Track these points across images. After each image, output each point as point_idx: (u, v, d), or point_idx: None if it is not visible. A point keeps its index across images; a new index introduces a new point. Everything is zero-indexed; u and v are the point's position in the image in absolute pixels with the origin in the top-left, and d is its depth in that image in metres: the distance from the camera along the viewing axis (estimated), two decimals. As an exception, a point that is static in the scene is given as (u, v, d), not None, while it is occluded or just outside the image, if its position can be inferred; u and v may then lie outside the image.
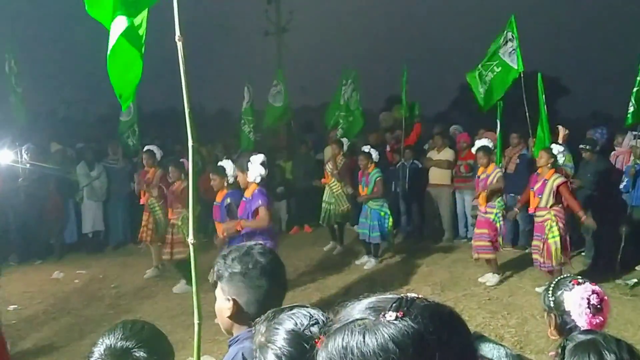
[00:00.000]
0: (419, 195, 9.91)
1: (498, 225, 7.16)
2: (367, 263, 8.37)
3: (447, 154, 9.59)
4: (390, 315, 0.89)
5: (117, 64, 3.01)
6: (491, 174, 7.26)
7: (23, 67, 9.74)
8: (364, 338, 0.88)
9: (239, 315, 1.90)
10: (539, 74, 7.70)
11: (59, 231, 9.95)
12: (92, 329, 6.23)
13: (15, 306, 7.12)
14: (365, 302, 0.95)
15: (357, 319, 0.91)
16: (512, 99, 8.32)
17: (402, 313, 0.89)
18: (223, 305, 1.92)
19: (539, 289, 6.73)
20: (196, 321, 2.62)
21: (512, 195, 8.25)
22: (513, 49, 8.08)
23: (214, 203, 6.76)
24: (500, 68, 8.25)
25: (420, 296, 0.95)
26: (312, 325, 1.40)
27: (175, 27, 2.77)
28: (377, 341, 0.87)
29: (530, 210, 6.90)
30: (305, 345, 1.34)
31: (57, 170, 9.87)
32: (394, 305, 0.91)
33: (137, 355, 1.60)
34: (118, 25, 2.85)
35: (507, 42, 8.18)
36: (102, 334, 1.69)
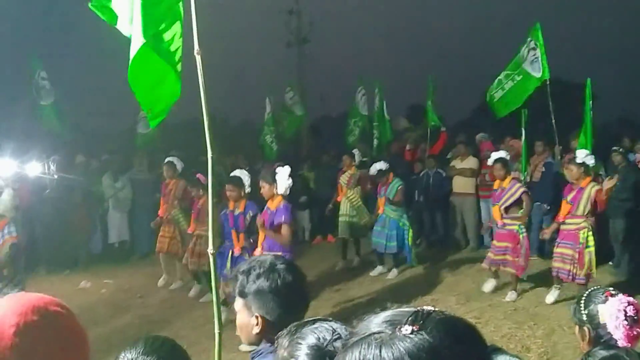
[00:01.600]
0: (442, 204, 9.84)
1: (521, 237, 6.88)
2: (390, 273, 8.31)
3: (470, 162, 9.51)
4: (406, 329, 0.89)
5: (143, 78, 3.04)
6: (510, 188, 7.02)
7: (51, 79, 9.91)
8: (380, 351, 0.88)
9: (268, 332, 1.88)
10: (588, 80, 7.44)
11: (85, 241, 10.11)
12: (118, 339, 6.29)
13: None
14: (382, 316, 0.95)
15: (374, 333, 0.91)
16: (536, 107, 8.24)
17: (417, 327, 0.89)
18: (250, 322, 1.91)
19: (550, 298, 6.62)
20: (216, 330, 2.65)
21: (538, 203, 8.14)
22: (536, 57, 8.00)
23: (227, 211, 6.71)
24: (520, 77, 8.18)
25: (436, 309, 0.95)
26: (335, 340, 1.39)
27: (194, 41, 2.81)
28: (393, 355, 0.87)
29: (560, 218, 6.76)
30: None
31: (83, 182, 10.04)
32: (409, 318, 0.91)
33: None
34: (136, 40, 2.90)
35: (529, 51, 8.11)
36: (125, 348, 1.71)
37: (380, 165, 8.44)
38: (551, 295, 6.66)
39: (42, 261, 9.49)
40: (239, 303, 1.96)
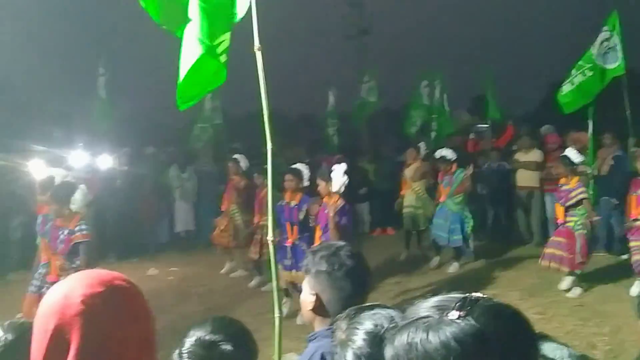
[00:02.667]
0: (506, 197, 9.66)
1: (577, 234, 6.68)
2: (451, 267, 8.25)
3: (535, 155, 9.29)
4: (454, 314, 0.93)
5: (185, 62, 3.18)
6: (575, 189, 6.82)
7: (117, 71, 10.29)
8: (427, 335, 0.92)
9: (320, 311, 2.00)
10: None
11: (153, 230, 10.53)
12: (184, 325, 6.51)
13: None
14: (431, 301, 1.00)
15: (422, 317, 0.96)
16: (607, 97, 7.95)
17: (464, 312, 0.93)
18: (307, 299, 2.04)
19: (634, 290, 6.39)
20: (276, 314, 2.76)
21: (606, 198, 7.88)
22: (610, 48, 7.69)
23: (283, 203, 6.80)
24: (592, 72, 7.81)
25: (485, 296, 0.99)
26: (392, 327, 1.43)
27: (255, 38, 2.91)
28: (439, 339, 0.91)
29: (633, 215, 6.53)
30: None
31: (152, 173, 10.46)
32: (457, 304, 0.95)
33: (223, 348, 1.71)
34: (191, 36, 3.03)
35: (602, 42, 7.80)
36: (193, 327, 1.82)
37: (446, 152, 8.37)
38: (636, 287, 6.44)
39: (112, 249, 9.90)
40: (305, 279, 2.09)
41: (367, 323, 1.48)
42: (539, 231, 9.29)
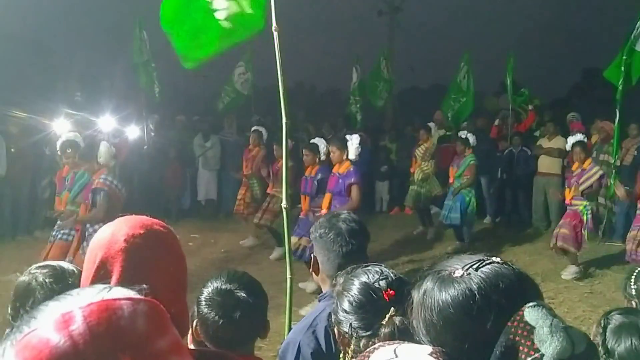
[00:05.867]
0: (526, 183, 9.67)
1: (585, 218, 6.81)
2: (453, 246, 8.34)
3: (558, 142, 9.25)
4: (459, 272, 1.05)
5: (182, 23, 3.28)
6: (590, 170, 6.90)
7: (152, 41, 10.24)
8: (435, 287, 1.06)
9: (319, 271, 2.22)
10: None
11: (177, 196, 10.78)
12: (199, 286, 6.75)
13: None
14: (457, 257, 1.14)
15: (439, 270, 1.09)
16: (636, 88, 7.83)
17: (467, 273, 1.05)
18: (312, 260, 2.24)
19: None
20: (288, 275, 2.97)
21: (627, 188, 7.84)
22: None
23: (303, 176, 7.07)
24: (631, 59, 7.51)
25: (500, 261, 1.09)
26: (382, 279, 1.64)
27: (272, 19, 3.01)
28: (442, 295, 1.04)
29: None
30: (374, 295, 1.59)
31: (179, 140, 10.67)
32: (469, 263, 1.07)
33: (238, 294, 1.90)
34: None
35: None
36: (209, 279, 2.00)
37: (470, 136, 8.42)
38: None
39: (137, 211, 10.13)
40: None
41: (361, 276, 1.67)
42: (557, 218, 9.29)
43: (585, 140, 7.27)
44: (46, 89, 13.41)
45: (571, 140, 7.28)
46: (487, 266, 1.06)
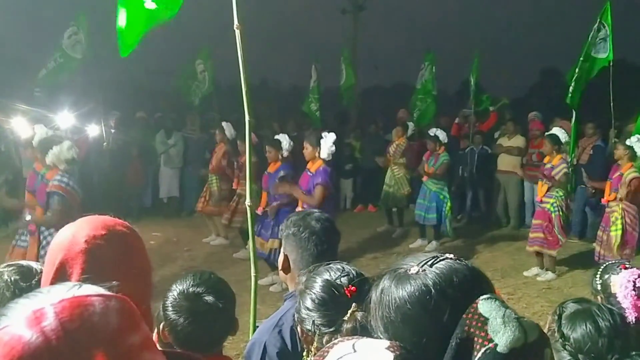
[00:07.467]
0: (486, 181, 9.85)
1: (553, 215, 6.89)
2: (428, 245, 8.43)
3: (518, 141, 9.46)
4: (414, 269, 1.07)
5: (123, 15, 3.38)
6: (557, 167, 7.01)
7: (105, 37, 9.89)
8: (392, 285, 1.08)
9: (289, 270, 2.21)
10: None
11: (137, 194, 10.61)
12: (165, 285, 6.64)
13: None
14: (414, 256, 1.14)
15: (397, 268, 1.11)
16: (594, 87, 8.05)
17: (422, 269, 1.07)
18: (280, 259, 2.24)
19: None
20: (253, 274, 2.95)
21: (582, 186, 8.07)
22: (602, 38, 7.75)
23: (265, 173, 7.08)
24: (587, 63, 7.83)
25: (453, 257, 1.11)
26: (343, 276, 1.66)
27: (234, 16, 2.99)
28: (399, 292, 1.06)
29: (604, 200, 6.76)
30: (336, 292, 1.61)
31: (140, 138, 10.48)
32: (424, 260, 1.08)
33: (207, 298, 1.86)
34: None
35: (596, 33, 7.84)
36: (175, 282, 1.96)
37: (439, 133, 8.49)
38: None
39: (96, 209, 9.92)
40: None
41: (323, 274, 1.69)
42: (516, 215, 9.52)
43: (564, 135, 7.30)
44: (1, 84, 12.98)
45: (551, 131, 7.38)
46: (442, 262, 1.08)
